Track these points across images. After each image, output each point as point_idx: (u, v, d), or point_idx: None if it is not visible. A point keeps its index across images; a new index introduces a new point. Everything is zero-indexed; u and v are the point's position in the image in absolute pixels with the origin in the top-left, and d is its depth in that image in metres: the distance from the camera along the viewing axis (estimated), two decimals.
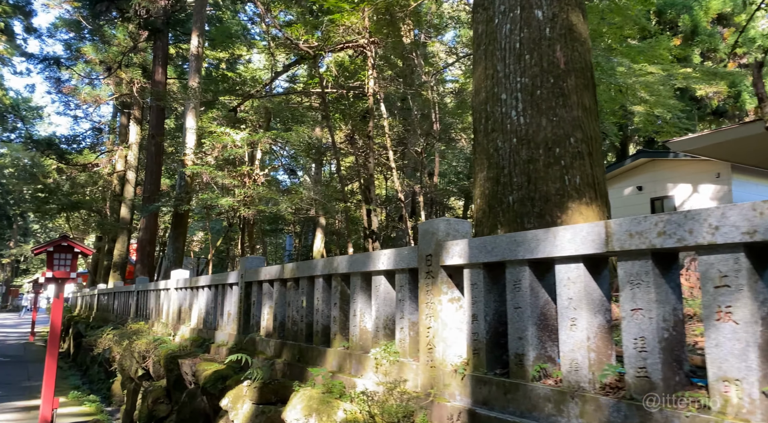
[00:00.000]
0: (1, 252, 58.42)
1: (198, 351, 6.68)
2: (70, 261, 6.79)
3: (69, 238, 6.64)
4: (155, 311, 10.00)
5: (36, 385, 9.79)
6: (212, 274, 7.02)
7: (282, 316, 5.11)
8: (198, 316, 7.51)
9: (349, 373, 3.77)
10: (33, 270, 65.40)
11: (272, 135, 11.28)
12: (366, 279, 3.85)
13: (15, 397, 8.53)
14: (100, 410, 7.98)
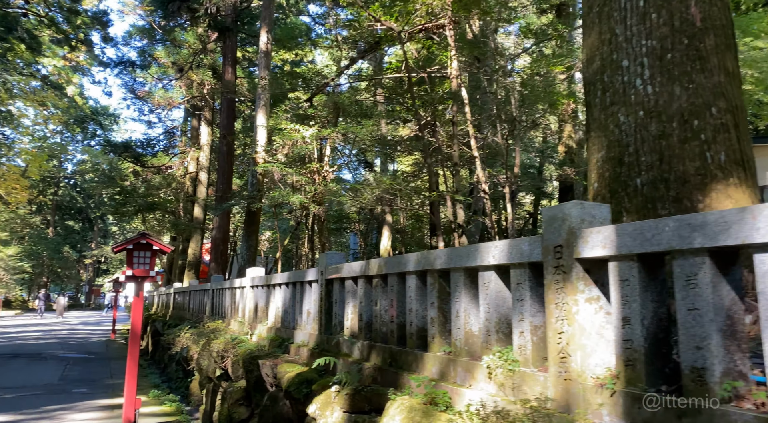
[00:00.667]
0: (84, 253, 61.81)
1: (277, 351, 6.44)
2: (149, 259, 6.71)
3: (148, 235, 6.55)
4: (231, 310, 9.94)
5: (118, 383, 9.93)
6: (289, 272, 6.76)
7: (368, 316, 4.73)
8: (275, 315, 7.30)
9: (453, 381, 3.33)
10: (113, 270, 68.95)
11: (341, 129, 11.02)
12: (470, 275, 3.40)
13: (99, 395, 8.62)
14: (180, 410, 7.92)
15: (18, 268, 46.24)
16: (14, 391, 8.81)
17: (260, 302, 8.06)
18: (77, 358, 13.76)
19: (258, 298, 8.18)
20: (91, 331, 24.49)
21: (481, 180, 8.38)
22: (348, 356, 4.84)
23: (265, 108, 12.23)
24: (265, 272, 14.77)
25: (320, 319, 5.63)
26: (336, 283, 5.43)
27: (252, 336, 7.82)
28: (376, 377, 4.17)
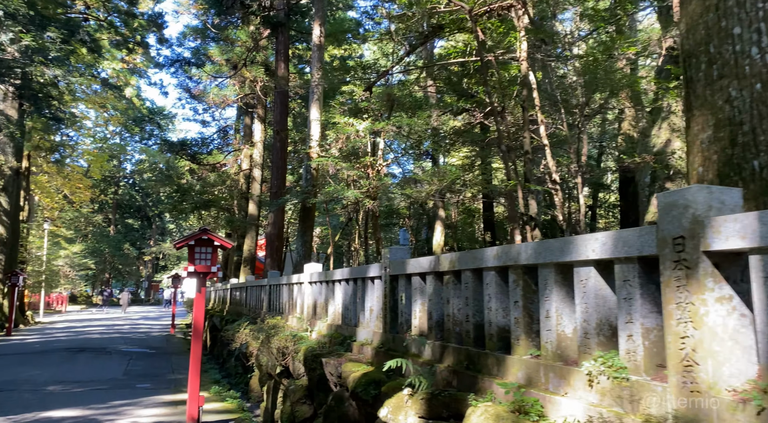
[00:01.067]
0: (143, 250, 64.07)
1: (339, 349, 6.26)
2: (211, 255, 6.65)
3: (209, 231, 6.49)
4: (288, 306, 9.88)
5: (180, 379, 10.04)
6: (349, 268, 6.57)
7: (439, 315, 4.47)
8: (335, 312, 7.14)
9: (543, 388, 3.03)
10: (170, 266, 71.22)
11: (396, 122, 10.79)
12: (562, 272, 3.08)
13: (162, 390, 8.70)
14: (241, 408, 7.88)
15: (82, 264, 48.31)
16: (83, 385, 9.00)
17: (319, 298, 7.92)
18: (140, 353, 14.09)
19: (316, 294, 8.05)
20: (151, 326, 25.22)
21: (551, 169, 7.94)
22: (417, 357, 4.59)
23: (318, 102, 12.13)
24: (292, 272, 14.74)
25: (384, 316, 5.41)
26: (401, 279, 5.19)
27: (311, 333, 7.70)
28: (451, 381, 3.90)
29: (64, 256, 42.00)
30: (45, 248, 34.26)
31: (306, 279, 8.51)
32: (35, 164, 32.97)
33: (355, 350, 5.95)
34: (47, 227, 33.78)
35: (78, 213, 50.63)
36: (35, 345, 15.91)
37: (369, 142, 11.60)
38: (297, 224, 29.38)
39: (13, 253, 25.67)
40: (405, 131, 11.33)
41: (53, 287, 38.59)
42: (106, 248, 54.45)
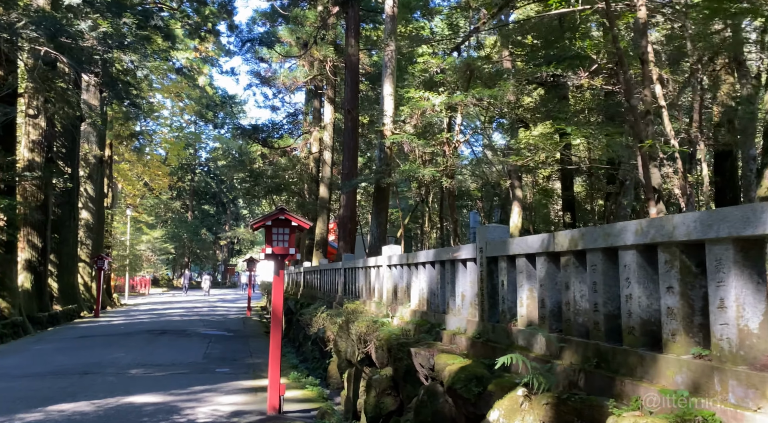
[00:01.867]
0: (219, 235, 66.32)
1: (427, 338, 5.74)
2: (288, 236, 6.27)
3: (286, 211, 6.10)
4: (365, 290, 9.46)
5: (258, 363, 9.88)
6: (435, 249, 6.00)
7: (554, 302, 3.83)
8: (419, 297, 6.61)
9: (720, 398, 2.35)
10: (245, 250, 73.48)
11: (477, 93, 10.04)
12: (743, 249, 2.37)
13: (241, 375, 8.53)
14: (322, 396, 7.56)
15: (163, 249, 50.45)
16: (164, 368, 8.98)
17: (400, 283, 7.43)
18: (218, 336, 14.20)
19: (397, 278, 7.55)
20: (228, 309, 25.81)
21: (669, 135, 7.00)
22: (525, 350, 3.98)
23: (391, 77, 11.57)
24: (367, 255, 14.26)
25: (481, 303, 4.81)
26: (502, 261, 4.57)
27: (393, 319, 7.23)
28: (575, 381, 3.27)
29: (146, 241, 43.96)
30: (128, 233, 35.86)
31: (385, 262, 8.03)
32: (117, 153, 34.45)
33: (445, 340, 5.40)
34: (130, 213, 35.31)
35: (158, 200, 52.86)
36: (120, 327, 16.45)
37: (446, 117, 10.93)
38: (366, 207, 29.13)
39: (100, 239, 26.90)
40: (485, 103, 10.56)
41: (137, 271, 40.50)
42: (185, 233, 56.67)
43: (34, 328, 16.27)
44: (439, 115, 10.65)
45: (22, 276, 17.62)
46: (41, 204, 18.47)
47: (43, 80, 16.23)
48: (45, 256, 18.63)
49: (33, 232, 18.27)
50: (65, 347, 11.55)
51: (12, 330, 14.46)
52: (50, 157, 18.96)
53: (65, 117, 19.94)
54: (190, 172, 61.32)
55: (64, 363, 9.32)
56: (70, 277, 21.88)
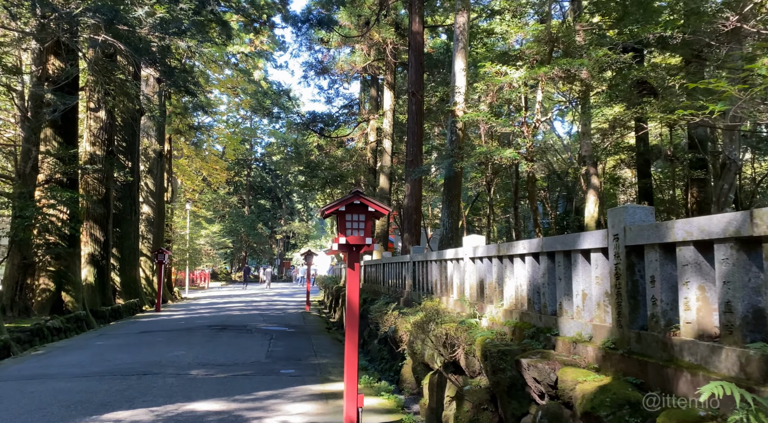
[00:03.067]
0: (275, 229, 66.90)
1: (533, 344, 4.78)
2: (364, 223, 5.43)
3: (361, 194, 5.26)
4: (441, 285, 8.56)
5: (324, 364, 9.15)
6: (540, 239, 5.01)
7: (748, 305, 2.80)
8: (516, 295, 5.64)
9: None
10: (300, 244, 73.95)
11: (564, 63, 8.88)
12: None
13: (308, 378, 7.80)
14: (400, 405, 6.71)
15: (221, 243, 51.16)
16: (226, 369, 8.38)
17: (488, 277, 6.47)
18: (279, 332, 13.64)
19: (484, 272, 6.60)
20: (286, 303, 25.46)
21: None
22: (698, 369, 2.97)
23: (463, 51, 10.54)
24: (438, 246, 13.26)
25: (617, 304, 3.81)
26: (651, 251, 3.55)
27: (481, 319, 6.29)
28: None
29: (204, 236, 44.52)
30: (188, 228, 36.26)
31: (467, 254, 7.09)
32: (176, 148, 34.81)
33: (560, 348, 4.43)
34: (189, 207, 35.66)
35: (216, 195, 53.61)
36: (180, 322, 16.19)
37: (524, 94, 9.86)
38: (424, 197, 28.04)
39: (160, 233, 27.10)
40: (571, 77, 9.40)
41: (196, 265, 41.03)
42: (242, 228, 57.34)
43: (97, 322, 16.23)
44: (518, 91, 9.58)
45: (85, 270, 17.66)
46: (103, 197, 18.49)
47: (103, 72, 16.09)
48: (107, 249, 18.65)
49: (95, 225, 18.31)
50: (126, 344, 11.21)
51: (76, 324, 14.38)
52: (111, 150, 18.95)
53: (125, 110, 19.94)
54: (246, 167, 61.99)
55: (124, 361, 8.87)
56: (132, 271, 21.99)
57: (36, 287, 14.72)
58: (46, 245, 14.83)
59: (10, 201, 13.66)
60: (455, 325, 6.09)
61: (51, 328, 12.89)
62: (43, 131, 15.16)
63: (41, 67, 14.19)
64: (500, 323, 5.79)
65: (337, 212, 5.42)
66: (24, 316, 13.73)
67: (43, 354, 10.17)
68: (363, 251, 5.54)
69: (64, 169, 15.01)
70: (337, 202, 5.36)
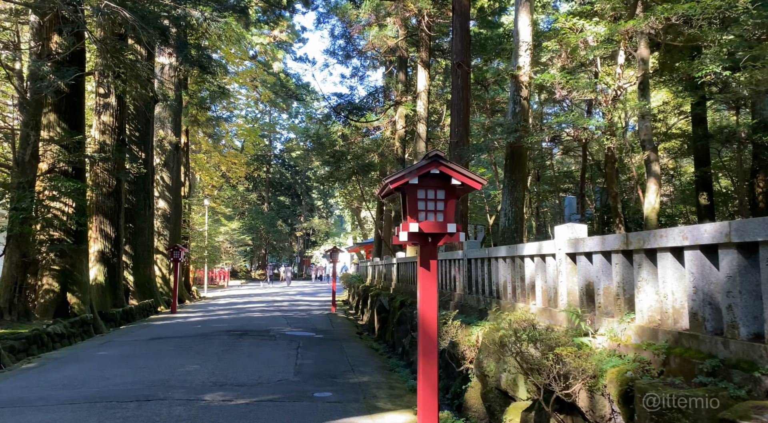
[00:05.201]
0: (295, 226, 65.59)
1: (723, 386, 3.07)
2: (443, 203, 3.76)
3: (442, 158, 3.59)
4: (513, 288, 6.85)
5: (366, 383, 7.52)
6: (732, 222, 3.24)
7: None
8: (661, 307, 3.92)
9: None
10: (320, 242, 72.59)
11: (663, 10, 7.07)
12: None
13: (349, 405, 6.17)
14: None
15: (240, 240, 49.93)
16: (248, 391, 6.78)
17: (602, 281, 4.76)
18: (306, 338, 12.05)
19: (594, 273, 4.89)
20: (309, 303, 23.94)
21: None
22: None
23: (527, 5, 8.80)
24: (498, 241, 11.47)
25: None
26: None
27: (594, 337, 4.59)
28: None
29: (224, 233, 43.29)
30: (206, 224, 34.95)
31: (562, 248, 5.38)
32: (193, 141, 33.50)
33: None
34: (207, 203, 34.34)
35: (235, 191, 52.42)
36: (197, 325, 14.70)
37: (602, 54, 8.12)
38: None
39: (177, 229, 25.74)
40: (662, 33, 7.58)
41: (215, 263, 39.77)
42: (261, 225, 56.09)
43: (107, 325, 14.81)
44: (595, 52, 7.85)
45: (94, 269, 16.27)
46: (113, 190, 17.07)
47: (112, 52, 14.61)
48: (118, 246, 17.24)
49: (105, 220, 16.90)
50: (131, 354, 9.69)
51: (81, 329, 12.95)
52: (122, 139, 17.53)
53: (137, 97, 18.48)
54: (265, 163, 60.73)
55: (125, 380, 7.32)
56: (146, 270, 20.60)
57: (38, 288, 13.32)
58: (50, 241, 13.43)
59: (6, 191, 12.24)
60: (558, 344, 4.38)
61: (52, 335, 11.45)
62: (46, 117, 13.76)
63: (40, 44, 12.76)
64: (631, 345, 4.08)
65: (404, 187, 3.75)
66: (24, 320, 12.33)
67: (34, 367, 8.69)
68: (443, 243, 3.85)
69: (69, 157, 13.57)
70: (406, 172, 3.69)
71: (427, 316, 3.81)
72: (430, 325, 3.80)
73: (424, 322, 3.82)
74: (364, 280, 24.13)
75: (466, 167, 12.82)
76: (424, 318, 3.83)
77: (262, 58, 42.72)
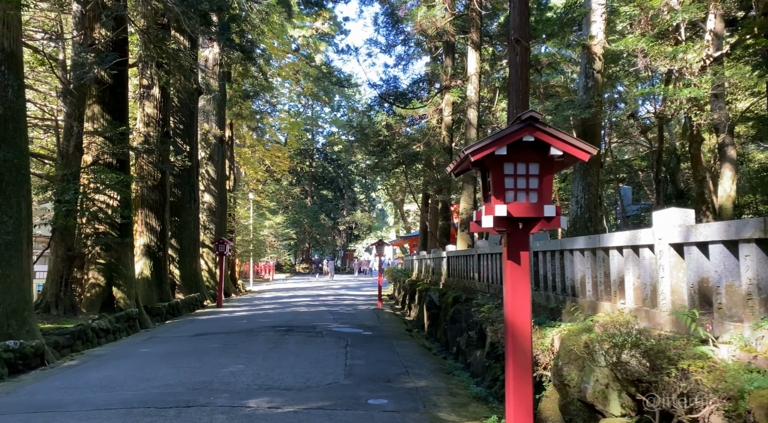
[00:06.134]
0: (337, 220, 65.47)
1: None
2: (538, 179, 3.00)
3: (537, 122, 2.82)
4: (592, 284, 6.00)
5: (424, 388, 6.81)
6: None
7: None
8: None
9: None
10: (363, 235, 72.29)
11: None
12: None
13: (409, 415, 5.52)
14: None
15: (285, 234, 50.02)
16: (296, 396, 6.18)
17: (722, 277, 3.88)
18: (354, 335, 11.45)
19: (711, 267, 4.02)
20: (354, 298, 23.42)
21: None
22: None
23: None
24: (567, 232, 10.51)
25: None
26: None
27: (715, 345, 3.74)
28: None
29: (268, 227, 43.36)
30: (251, 218, 34.94)
31: (663, 237, 4.52)
32: (238, 135, 33.45)
33: None
34: (252, 197, 34.30)
35: (279, 185, 52.56)
36: (242, 320, 14.32)
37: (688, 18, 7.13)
38: None
39: (223, 223, 25.64)
40: None
41: (260, 256, 39.83)
42: (305, 219, 56.15)
43: (152, 320, 14.61)
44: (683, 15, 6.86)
45: (140, 263, 16.12)
46: (158, 183, 16.88)
47: (155, 42, 14.31)
48: (164, 240, 17.07)
49: (150, 214, 16.74)
50: (174, 352, 9.28)
51: (126, 324, 12.73)
52: (166, 131, 17.32)
53: (181, 89, 18.26)
54: (308, 157, 60.72)
55: (166, 382, 6.84)
56: (192, 263, 20.47)
57: (84, 282, 13.19)
58: (95, 235, 13.26)
59: (50, 184, 12.07)
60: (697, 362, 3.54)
61: (96, 330, 11.21)
62: (90, 108, 13.58)
63: (82, 33, 12.52)
64: None
65: (487, 161, 3.00)
66: (70, 315, 12.17)
67: (76, 366, 8.35)
68: (537, 229, 3.09)
69: (113, 149, 13.36)
70: (492, 140, 2.94)
71: (519, 325, 3.06)
72: (523, 335, 3.04)
73: (514, 332, 3.07)
74: (409, 274, 23.43)
75: None
76: (514, 326, 3.07)
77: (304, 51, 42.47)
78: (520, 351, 3.06)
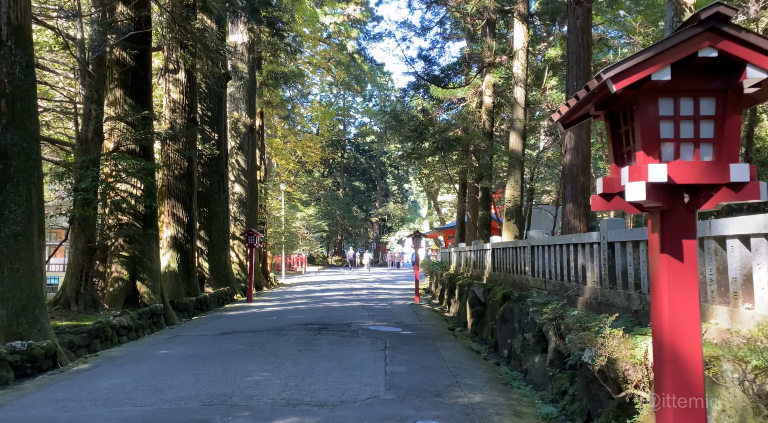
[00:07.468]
0: (370, 211, 64.56)
1: None
2: (715, 124, 1.84)
3: (727, 18, 1.64)
4: (705, 285, 4.79)
5: (480, 405, 5.71)
6: None
7: None
8: None
9: None
10: (395, 227, 71.26)
11: None
12: None
13: None
14: None
15: (317, 226, 49.36)
16: (329, 416, 5.18)
17: None
18: (393, 335, 10.41)
19: None
20: (389, 292, 22.41)
21: None
22: None
23: None
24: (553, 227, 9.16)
25: None
26: None
27: None
28: None
29: (300, 219, 42.72)
30: (283, 210, 34.24)
31: None
32: (269, 125, 32.72)
33: None
34: (283, 188, 33.59)
35: (310, 177, 51.90)
36: (272, 317, 13.44)
37: None
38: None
39: (253, 214, 24.91)
40: None
41: (293, 248, 39.20)
42: (337, 210, 55.44)
43: (179, 315, 13.86)
44: None
45: (167, 255, 15.40)
46: (185, 172, 16.11)
47: (179, 21, 13.46)
48: (192, 231, 16.31)
49: (177, 204, 15.98)
50: (195, 355, 8.38)
51: (150, 320, 11.97)
52: (193, 117, 16.52)
53: (208, 74, 17.39)
54: (340, 148, 59.89)
55: (180, 393, 5.91)
56: (221, 256, 19.74)
57: (107, 276, 12.48)
58: (118, 226, 12.54)
59: (67, 171, 11.34)
60: None
61: (117, 328, 10.44)
62: (112, 93, 12.82)
63: (100, 10, 11.73)
64: None
65: (630, 92, 1.85)
66: (91, 311, 11.45)
67: (86, 370, 7.52)
68: (713, 204, 1.93)
69: (136, 135, 12.58)
70: (648, 56, 1.78)
71: (685, 350, 1.92)
72: (693, 366, 1.91)
73: (675, 359, 1.94)
74: (447, 267, 22.29)
75: (588, 131, 10.53)
76: (674, 351, 1.94)
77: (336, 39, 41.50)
78: (691, 389, 1.92)
